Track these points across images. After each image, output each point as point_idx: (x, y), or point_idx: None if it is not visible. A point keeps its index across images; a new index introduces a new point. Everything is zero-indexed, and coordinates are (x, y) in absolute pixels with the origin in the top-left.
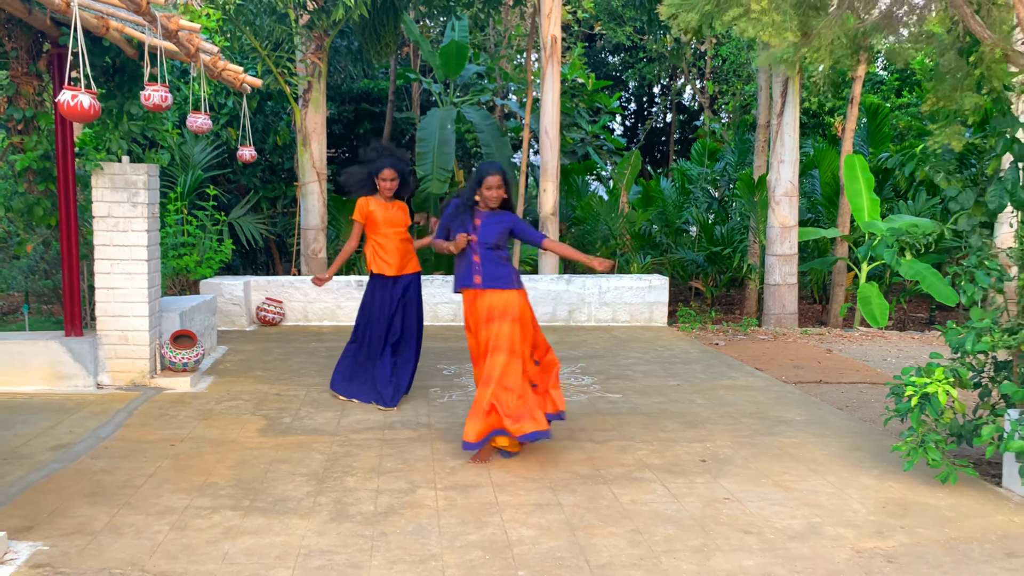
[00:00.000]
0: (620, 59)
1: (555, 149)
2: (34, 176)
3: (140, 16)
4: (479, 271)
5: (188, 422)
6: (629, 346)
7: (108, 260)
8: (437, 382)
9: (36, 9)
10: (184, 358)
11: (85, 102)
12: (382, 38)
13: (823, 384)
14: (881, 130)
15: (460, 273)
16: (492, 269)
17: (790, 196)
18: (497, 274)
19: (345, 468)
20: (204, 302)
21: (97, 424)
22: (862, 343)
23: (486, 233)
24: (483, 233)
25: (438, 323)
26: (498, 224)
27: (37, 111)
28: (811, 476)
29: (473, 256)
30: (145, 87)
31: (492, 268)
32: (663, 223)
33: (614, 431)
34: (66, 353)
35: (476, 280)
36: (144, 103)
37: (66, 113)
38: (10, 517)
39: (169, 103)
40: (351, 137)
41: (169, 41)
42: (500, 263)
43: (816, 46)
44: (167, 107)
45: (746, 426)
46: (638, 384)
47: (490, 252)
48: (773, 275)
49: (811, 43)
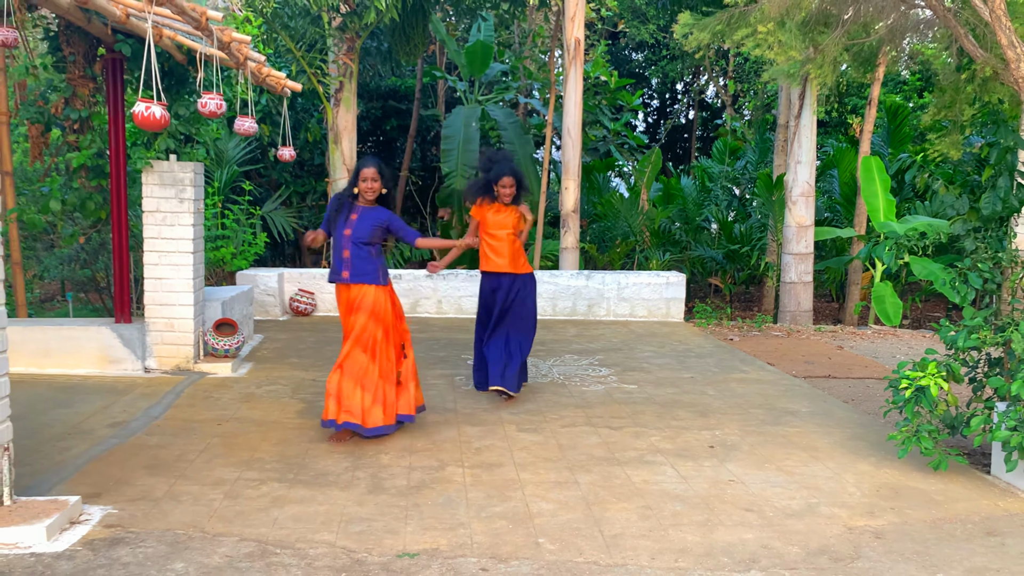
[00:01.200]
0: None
1: (577, 148)
2: (87, 172)
3: (199, 31)
4: (348, 266)
5: (232, 404)
6: (645, 340)
7: (156, 252)
8: (462, 371)
9: (95, 18)
10: (226, 344)
11: (157, 113)
12: (411, 39)
13: (832, 379)
14: (901, 130)
15: (332, 267)
16: (360, 264)
17: (807, 196)
18: (364, 269)
19: (379, 447)
20: (242, 292)
21: (148, 404)
22: (874, 340)
23: (359, 229)
24: (356, 229)
25: (463, 315)
26: (373, 221)
27: (92, 111)
28: (812, 462)
29: (344, 251)
30: (201, 95)
31: (360, 263)
32: (683, 220)
33: (629, 419)
34: (116, 339)
35: (344, 275)
36: (201, 110)
37: (140, 123)
38: (80, 484)
39: (224, 110)
40: (378, 133)
41: (221, 51)
42: (369, 259)
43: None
44: (222, 114)
45: (754, 416)
46: (653, 376)
47: (360, 248)
48: (789, 273)
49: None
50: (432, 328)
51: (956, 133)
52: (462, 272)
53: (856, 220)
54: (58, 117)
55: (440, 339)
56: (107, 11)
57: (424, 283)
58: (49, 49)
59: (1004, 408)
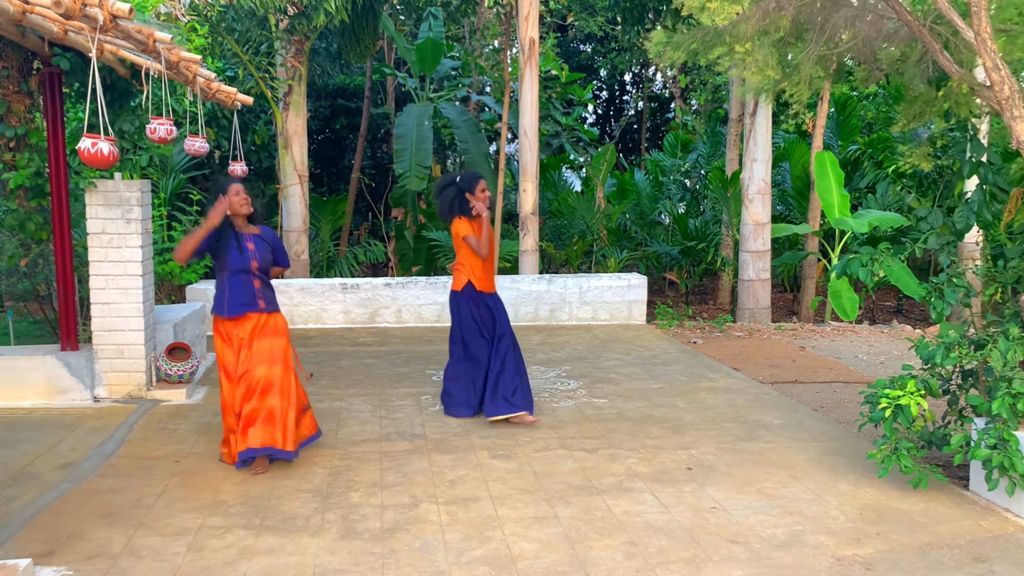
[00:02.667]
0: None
1: (534, 149)
2: (25, 192)
3: (147, 54)
4: (262, 295)
5: (189, 436)
6: (610, 347)
7: (103, 276)
8: (427, 388)
9: (30, 33)
10: (180, 370)
11: (105, 149)
12: (361, 40)
13: (798, 384)
14: (850, 122)
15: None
16: (269, 292)
17: (763, 194)
18: (272, 297)
19: (348, 483)
20: (194, 311)
21: (100, 440)
22: (834, 339)
23: (263, 257)
24: (261, 258)
25: (423, 324)
26: (266, 245)
27: (28, 128)
28: (791, 483)
29: (255, 282)
30: (150, 119)
31: (269, 291)
32: (637, 215)
33: (603, 439)
34: (63, 368)
35: (261, 304)
36: (150, 136)
37: (87, 160)
38: (30, 541)
39: (175, 135)
40: (327, 132)
41: (171, 70)
42: (270, 285)
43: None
44: (172, 139)
45: (727, 431)
46: (622, 388)
47: (265, 275)
48: (747, 271)
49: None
50: (392, 339)
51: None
52: (421, 280)
53: (810, 215)
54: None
55: (402, 352)
56: (44, 28)
57: (383, 292)
58: None
59: (983, 425)
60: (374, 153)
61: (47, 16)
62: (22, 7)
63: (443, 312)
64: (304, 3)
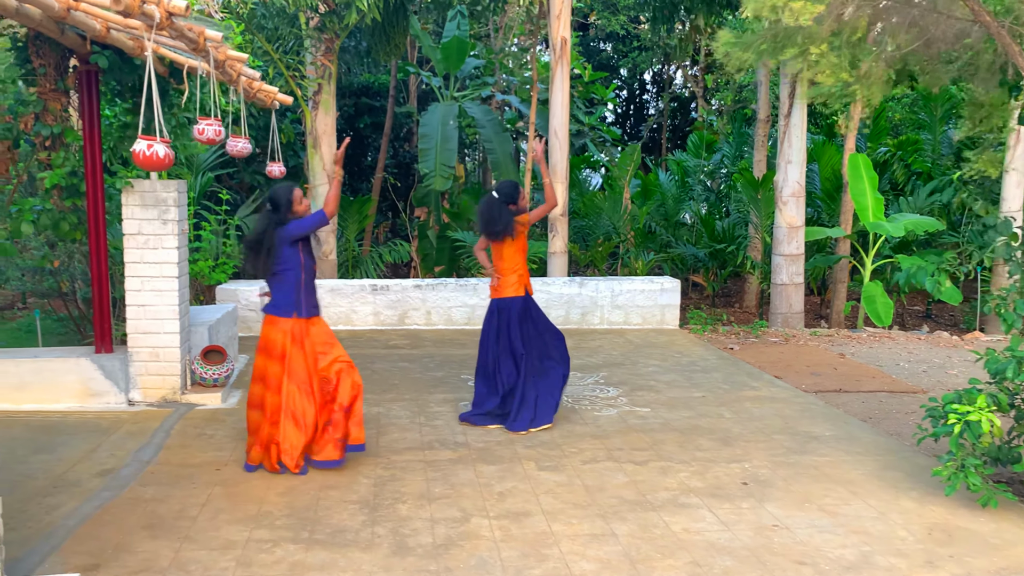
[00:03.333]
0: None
1: (564, 150)
2: (60, 192)
3: (195, 52)
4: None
5: (227, 443)
6: (646, 352)
7: (139, 277)
8: (464, 395)
9: (69, 30)
10: (215, 374)
11: (161, 151)
12: (392, 38)
13: (843, 393)
14: (879, 124)
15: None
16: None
17: (797, 197)
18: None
19: (395, 494)
20: (227, 313)
21: (137, 446)
22: (871, 345)
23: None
24: (310, 259)
25: (453, 327)
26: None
27: (64, 127)
28: (852, 499)
29: (312, 284)
30: (198, 119)
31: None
32: (662, 216)
33: (651, 450)
34: (97, 370)
35: (317, 308)
36: (198, 137)
37: (143, 163)
38: (75, 553)
39: (223, 137)
40: (350, 131)
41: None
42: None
43: (868, 83)
44: (221, 141)
45: (778, 443)
46: (664, 396)
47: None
48: (780, 275)
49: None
50: (424, 342)
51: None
52: (451, 282)
53: (842, 218)
54: (27, 133)
55: (435, 356)
56: (86, 26)
57: (412, 294)
58: (16, 61)
59: None
60: (396, 152)
61: (92, 13)
62: (67, 3)
63: (473, 314)
64: (336, 1)
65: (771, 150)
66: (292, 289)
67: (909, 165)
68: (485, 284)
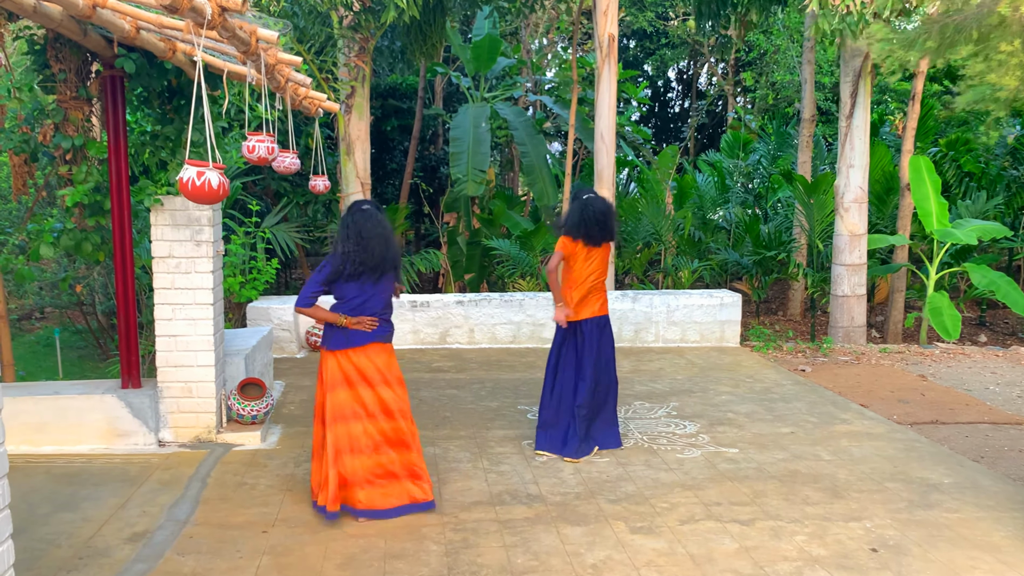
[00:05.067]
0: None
1: (611, 154)
2: (83, 210)
3: (246, 56)
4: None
5: (272, 495)
6: (713, 376)
7: (169, 305)
8: (526, 431)
9: (93, 31)
10: (253, 410)
11: (214, 181)
12: (429, 38)
13: (940, 425)
14: (927, 123)
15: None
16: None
17: (859, 203)
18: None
19: (471, 566)
20: (263, 338)
21: (171, 499)
22: (948, 364)
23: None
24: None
25: (497, 345)
26: None
27: (87, 139)
28: (1006, 572)
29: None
30: (248, 136)
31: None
32: (700, 220)
33: (753, 504)
34: (124, 408)
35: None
36: (247, 155)
37: (191, 195)
38: None
39: (276, 155)
40: (377, 134)
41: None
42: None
43: None
44: (273, 160)
45: (895, 494)
46: (748, 432)
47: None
48: (841, 286)
49: None
50: (470, 364)
51: None
52: (495, 297)
53: (899, 223)
54: (46, 146)
55: (484, 381)
56: (114, 26)
57: (454, 310)
58: (34, 65)
59: None
60: (421, 154)
61: (121, 11)
62: (94, 0)
63: (518, 332)
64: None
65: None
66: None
67: (961, 166)
68: (530, 300)
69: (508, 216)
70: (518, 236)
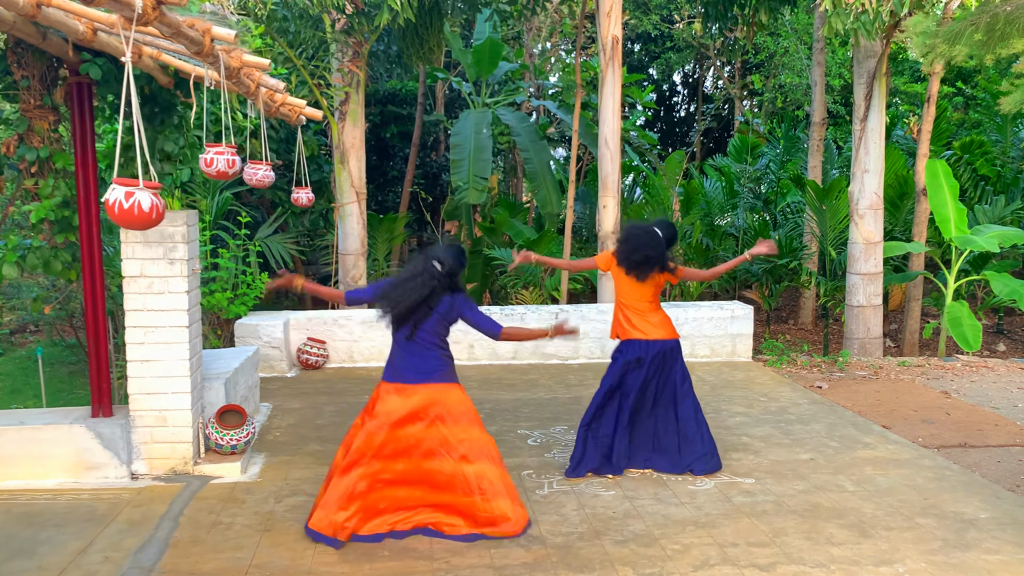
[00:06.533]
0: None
1: (616, 161)
2: (51, 226)
3: (201, 57)
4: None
5: (248, 536)
6: (725, 395)
7: (141, 328)
8: (526, 458)
9: (52, 34)
10: (233, 439)
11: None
12: (426, 41)
13: (969, 448)
14: (940, 125)
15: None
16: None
17: (875, 209)
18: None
19: None
20: (247, 359)
21: (138, 543)
22: (971, 378)
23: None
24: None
25: (498, 362)
26: None
27: (53, 150)
28: None
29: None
30: (206, 147)
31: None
32: (707, 227)
33: (773, 546)
34: (94, 439)
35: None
36: (205, 169)
37: (118, 218)
38: None
39: (237, 169)
40: (376, 141)
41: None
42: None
43: None
44: (235, 175)
45: (928, 532)
46: (764, 459)
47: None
48: (856, 295)
49: None
50: (468, 382)
51: None
52: (495, 311)
53: (915, 230)
54: (10, 158)
55: (483, 402)
56: (66, 27)
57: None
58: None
59: None
60: (422, 162)
61: (70, 10)
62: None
63: (519, 348)
64: (365, 1)
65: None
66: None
67: (976, 169)
68: (532, 314)
69: (510, 224)
70: (520, 245)
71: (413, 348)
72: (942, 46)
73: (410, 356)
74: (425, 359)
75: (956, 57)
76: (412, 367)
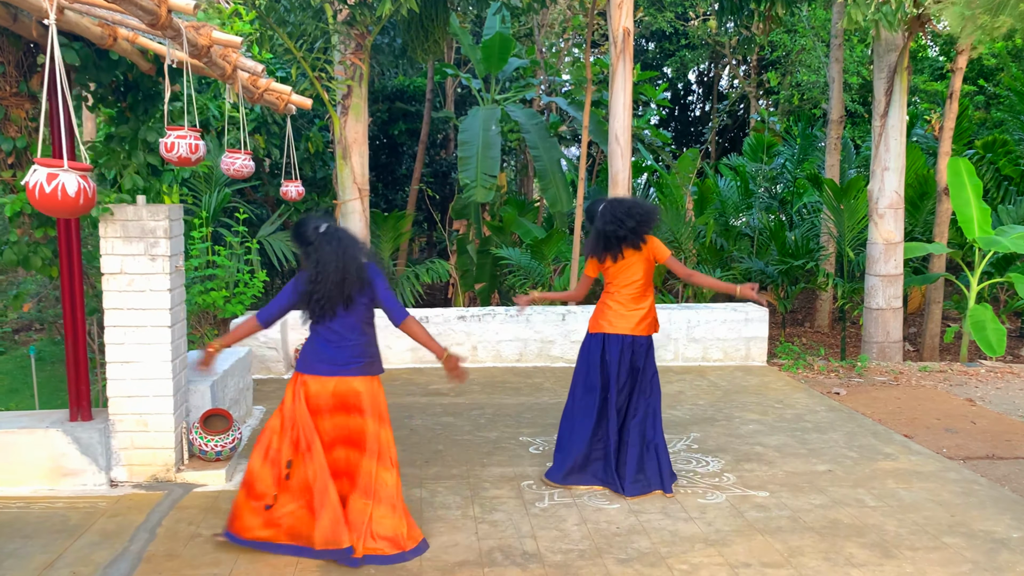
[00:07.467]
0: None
1: (627, 158)
2: (29, 220)
3: (158, 29)
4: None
5: (227, 550)
6: (738, 401)
7: (121, 328)
8: (527, 467)
9: (23, 15)
10: (217, 445)
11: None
12: (431, 34)
13: (996, 460)
14: (962, 123)
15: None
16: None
17: (895, 209)
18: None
19: None
20: (238, 361)
21: (109, 557)
22: (996, 384)
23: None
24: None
25: (502, 364)
26: None
27: (31, 140)
28: None
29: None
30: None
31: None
32: (722, 227)
33: (789, 566)
34: (71, 444)
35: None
36: (165, 155)
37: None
38: None
39: (201, 155)
40: (383, 138)
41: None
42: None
43: None
44: (199, 160)
45: (956, 552)
46: (779, 471)
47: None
48: (875, 298)
49: None
50: (470, 386)
51: None
52: (500, 312)
53: (937, 230)
54: None
55: (484, 407)
56: (28, 4)
57: (456, 326)
58: None
59: None
60: (431, 160)
61: None
62: None
63: (524, 349)
64: None
65: (844, 153)
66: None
67: (999, 169)
68: (538, 315)
69: (519, 223)
70: (529, 244)
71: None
72: (983, 17)
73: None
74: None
75: (999, 29)
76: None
